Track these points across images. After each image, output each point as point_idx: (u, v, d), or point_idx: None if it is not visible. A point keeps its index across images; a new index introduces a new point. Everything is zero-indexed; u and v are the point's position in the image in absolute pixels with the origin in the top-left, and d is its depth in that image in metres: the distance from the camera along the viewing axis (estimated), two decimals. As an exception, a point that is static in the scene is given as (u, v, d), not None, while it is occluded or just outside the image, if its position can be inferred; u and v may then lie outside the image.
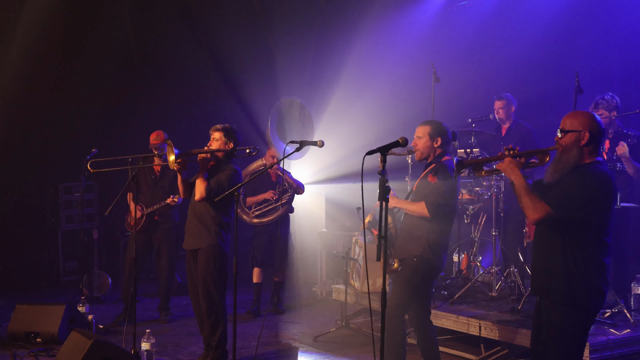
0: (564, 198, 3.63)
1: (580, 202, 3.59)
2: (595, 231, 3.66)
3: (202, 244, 5.49)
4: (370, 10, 9.31)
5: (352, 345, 6.43)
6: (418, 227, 4.82)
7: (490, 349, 5.72)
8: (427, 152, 4.90)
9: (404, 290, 4.83)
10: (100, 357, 5.01)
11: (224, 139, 5.50)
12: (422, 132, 4.91)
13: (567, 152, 3.68)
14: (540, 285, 3.84)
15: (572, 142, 3.67)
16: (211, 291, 5.49)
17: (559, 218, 3.62)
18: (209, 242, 5.47)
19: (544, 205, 3.61)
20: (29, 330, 6.28)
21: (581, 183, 3.61)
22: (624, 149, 5.79)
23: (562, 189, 3.67)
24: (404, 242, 4.89)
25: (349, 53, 9.26)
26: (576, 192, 3.61)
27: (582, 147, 3.66)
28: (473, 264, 6.90)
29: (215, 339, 5.54)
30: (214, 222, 5.47)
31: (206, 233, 5.47)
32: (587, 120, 3.69)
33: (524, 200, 3.68)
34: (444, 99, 7.40)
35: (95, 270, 8.35)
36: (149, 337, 5.53)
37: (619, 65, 7.66)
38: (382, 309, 3.55)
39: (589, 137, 3.65)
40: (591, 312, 3.73)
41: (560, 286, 3.67)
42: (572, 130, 3.67)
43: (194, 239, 5.54)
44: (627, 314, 5.49)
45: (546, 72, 7.86)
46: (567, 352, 3.70)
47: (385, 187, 3.51)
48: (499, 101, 7.10)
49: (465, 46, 8.58)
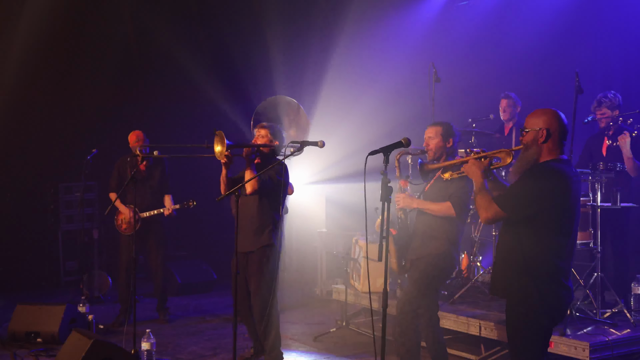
0: (510, 197, 3.64)
1: (525, 201, 3.58)
2: (546, 231, 3.60)
3: (257, 246, 5.39)
4: (370, 10, 9.31)
5: (352, 345, 6.43)
6: (438, 228, 4.84)
7: (490, 349, 5.72)
8: (440, 152, 4.94)
9: (427, 287, 4.88)
10: (101, 357, 5.01)
11: (270, 136, 5.46)
12: (434, 133, 4.94)
13: (527, 151, 3.69)
14: (495, 283, 3.86)
15: (531, 140, 3.67)
16: (265, 293, 5.38)
17: (507, 218, 3.64)
18: (264, 243, 5.38)
19: (494, 206, 3.62)
20: (29, 330, 6.28)
21: (528, 181, 3.60)
22: (626, 138, 5.76)
23: (510, 188, 3.70)
24: (421, 242, 4.91)
25: (350, 53, 9.26)
26: (521, 191, 3.61)
27: (540, 144, 3.65)
28: (473, 264, 6.90)
29: (269, 342, 5.43)
30: (268, 222, 5.39)
31: (260, 234, 5.39)
32: (547, 117, 3.66)
33: (477, 199, 3.72)
34: (445, 99, 7.40)
35: (96, 270, 8.36)
36: (149, 337, 5.53)
37: (619, 65, 7.66)
38: (383, 309, 3.55)
39: (546, 134, 3.62)
40: (544, 314, 3.64)
41: (512, 285, 3.68)
42: (532, 129, 3.67)
43: (248, 241, 5.38)
44: (627, 314, 5.49)
45: (546, 72, 7.86)
46: (521, 352, 3.70)
47: (388, 187, 3.52)
48: (506, 99, 7.09)
49: (465, 46, 8.59)
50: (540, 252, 3.61)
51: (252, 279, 5.43)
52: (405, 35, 9.03)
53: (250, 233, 5.38)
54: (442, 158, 4.94)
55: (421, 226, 4.96)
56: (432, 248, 4.86)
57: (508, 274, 3.71)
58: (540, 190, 3.56)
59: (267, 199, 5.37)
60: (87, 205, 8.80)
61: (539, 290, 3.61)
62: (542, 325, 3.67)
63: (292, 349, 6.28)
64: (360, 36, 9.18)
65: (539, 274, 3.62)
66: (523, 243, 3.63)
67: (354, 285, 7.04)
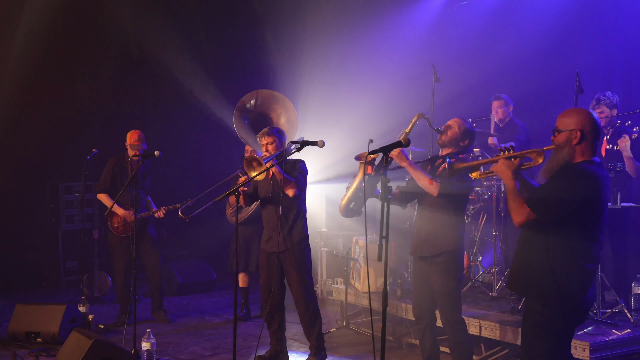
0: (542, 200, 3.57)
1: (557, 203, 3.52)
2: (574, 233, 3.56)
3: (293, 242, 5.63)
4: (370, 10, 9.31)
5: (352, 345, 6.43)
6: (445, 223, 4.75)
7: (490, 349, 5.73)
8: (450, 144, 4.84)
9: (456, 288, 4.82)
10: (101, 357, 5.01)
11: (277, 140, 5.63)
12: (458, 125, 4.85)
13: (559, 152, 3.63)
14: (514, 279, 3.84)
15: (564, 141, 3.61)
16: (308, 283, 5.66)
17: (538, 220, 3.57)
18: (299, 237, 5.65)
19: (525, 208, 3.56)
20: (29, 330, 6.28)
21: (560, 183, 3.54)
22: (626, 141, 5.76)
23: (541, 189, 3.64)
24: (428, 238, 4.81)
25: (350, 53, 9.26)
26: (554, 193, 3.54)
27: (574, 146, 3.59)
28: (473, 264, 6.91)
29: (316, 327, 5.69)
30: (299, 219, 5.65)
31: (295, 230, 5.64)
32: (581, 118, 3.61)
33: (510, 203, 3.64)
34: (444, 99, 7.40)
35: (96, 270, 8.36)
36: (149, 337, 5.53)
37: (619, 65, 7.66)
38: (383, 309, 3.55)
39: (581, 135, 3.57)
40: (562, 315, 3.62)
41: (534, 284, 3.65)
42: (565, 130, 3.61)
43: (284, 240, 5.62)
44: (627, 314, 5.50)
45: (546, 72, 7.86)
46: (534, 350, 3.67)
47: (387, 187, 3.51)
48: (497, 101, 7.13)
49: (465, 46, 8.59)
50: (568, 255, 3.57)
51: (293, 275, 5.64)
52: (405, 35, 9.03)
53: (284, 232, 5.62)
54: (450, 149, 4.84)
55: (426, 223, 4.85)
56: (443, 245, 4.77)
57: (530, 273, 3.67)
58: (573, 193, 3.50)
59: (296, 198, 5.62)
60: (87, 205, 8.79)
61: (561, 291, 3.57)
62: (558, 325, 3.64)
63: (292, 349, 6.27)
64: (360, 36, 9.17)
65: (563, 276, 3.57)
66: (550, 244, 3.58)
67: (354, 285, 7.04)
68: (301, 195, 5.67)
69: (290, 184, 5.52)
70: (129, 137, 7.07)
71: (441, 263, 4.75)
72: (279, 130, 5.74)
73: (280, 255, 5.66)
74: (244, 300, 7.49)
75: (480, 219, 7.02)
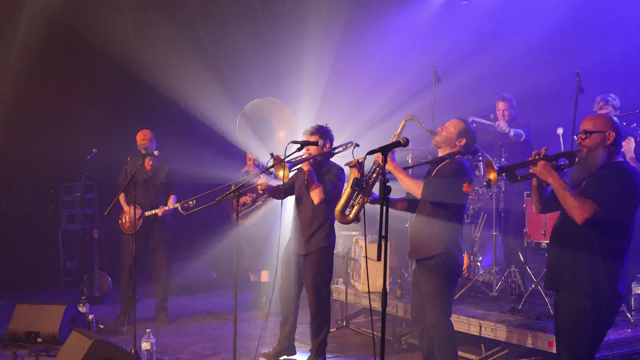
0: (608, 196, 3.61)
1: (621, 200, 3.62)
2: (622, 232, 3.68)
3: (313, 248, 5.55)
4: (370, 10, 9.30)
5: (352, 345, 6.43)
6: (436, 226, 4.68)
7: (490, 349, 5.72)
8: (445, 144, 4.78)
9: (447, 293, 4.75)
10: (101, 357, 5.01)
11: (320, 140, 5.51)
12: (453, 125, 4.79)
13: (593, 153, 3.73)
14: (559, 278, 3.82)
15: (597, 142, 3.73)
16: (322, 291, 5.59)
17: (602, 217, 3.61)
18: (321, 245, 5.55)
19: (591, 204, 3.59)
20: (29, 330, 6.28)
21: (622, 181, 3.62)
22: (631, 144, 5.77)
23: (605, 187, 3.64)
24: (421, 241, 4.78)
25: (350, 53, 9.26)
26: (619, 191, 3.62)
27: (608, 146, 3.72)
28: (473, 263, 6.90)
29: (321, 335, 5.66)
30: (325, 224, 5.54)
31: (317, 236, 5.54)
32: (610, 121, 3.78)
33: (570, 201, 3.65)
34: (445, 98, 7.39)
35: (96, 270, 8.36)
36: (149, 337, 5.53)
37: (619, 65, 7.66)
38: (383, 309, 3.54)
39: (614, 137, 3.72)
40: (614, 312, 3.74)
41: (586, 283, 3.68)
42: (598, 131, 3.72)
43: (305, 244, 5.58)
44: (627, 314, 5.50)
45: (547, 72, 7.86)
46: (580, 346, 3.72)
47: (386, 187, 3.51)
48: (502, 102, 7.04)
49: (465, 46, 8.58)
50: (618, 253, 3.67)
51: (309, 279, 5.58)
52: (406, 35, 9.03)
53: (307, 236, 5.55)
54: (444, 150, 4.78)
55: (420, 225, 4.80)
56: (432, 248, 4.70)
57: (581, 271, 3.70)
58: (629, 191, 3.62)
59: (325, 203, 5.49)
60: (87, 205, 8.80)
61: (614, 289, 3.67)
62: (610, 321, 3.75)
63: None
64: (360, 36, 9.17)
65: (614, 274, 3.67)
66: (604, 243, 3.65)
67: (354, 285, 7.04)
68: (331, 204, 5.47)
69: (317, 188, 5.39)
70: (137, 137, 7.18)
71: (430, 266, 4.68)
72: (324, 130, 5.58)
73: (300, 258, 5.65)
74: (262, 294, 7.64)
75: (480, 219, 7.02)
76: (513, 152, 6.72)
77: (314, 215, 5.53)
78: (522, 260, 6.42)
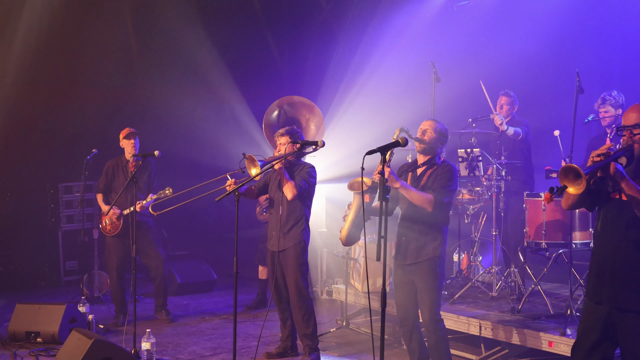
0: None
1: None
2: None
3: (290, 244, 5.72)
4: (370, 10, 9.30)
5: (352, 345, 6.43)
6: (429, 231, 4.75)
7: (490, 349, 5.72)
8: (434, 151, 4.83)
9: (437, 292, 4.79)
10: (101, 357, 5.01)
11: (291, 140, 5.70)
12: (432, 128, 4.82)
13: None
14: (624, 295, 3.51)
15: None
16: (301, 285, 5.72)
17: None
18: (296, 240, 5.72)
19: None
20: (29, 330, 6.28)
21: None
22: None
23: None
24: (416, 246, 4.79)
25: (349, 53, 9.26)
26: None
27: None
28: (473, 263, 6.90)
29: (309, 328, 5.76)
30: (300, 220, 5.72)
31: (293, 232, 5.71)
32: None
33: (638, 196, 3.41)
34: (444, 98, 7.40)
35: (96, 270, 8.35)
36: (149, 337, 5.53)
37: (619, 65, 7.66)
38: (382, 309, 3.55)
39: None
40: None
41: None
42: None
43: (282, 240, 5.73)
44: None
45: (547, 72, 7.85)
46: None
47: (385, 187, 3.51)
48: (505, 97, 7.02)
49: (465, 46, 8.58)
50: None
51: (289, 274, 5.72)
52: (405, 35, 9.02)
53: (284, 232, 5.72)
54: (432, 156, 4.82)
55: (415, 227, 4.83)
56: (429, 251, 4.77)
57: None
58: None
59: (299, 199, 5.67)
60: (87, 205, 8.79)
61: None
62: None
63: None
64: (360, 36, 9.17)
65: None
66: None
67: (354, 285, 7.04)
68: (305, 200, 5.72)
69: (288, 183, 5.55)
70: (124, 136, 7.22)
71: (425, 264, 4.76)
72: (295, 132, 5.80)
73: (279, 254, 5.76)
74: (260, 291, 7.84)
75: (480, 219, 7.02)
76: (512, 150, 6.73)
77: (289, 213, 5.71)
78: (522, 260, 6.43)
